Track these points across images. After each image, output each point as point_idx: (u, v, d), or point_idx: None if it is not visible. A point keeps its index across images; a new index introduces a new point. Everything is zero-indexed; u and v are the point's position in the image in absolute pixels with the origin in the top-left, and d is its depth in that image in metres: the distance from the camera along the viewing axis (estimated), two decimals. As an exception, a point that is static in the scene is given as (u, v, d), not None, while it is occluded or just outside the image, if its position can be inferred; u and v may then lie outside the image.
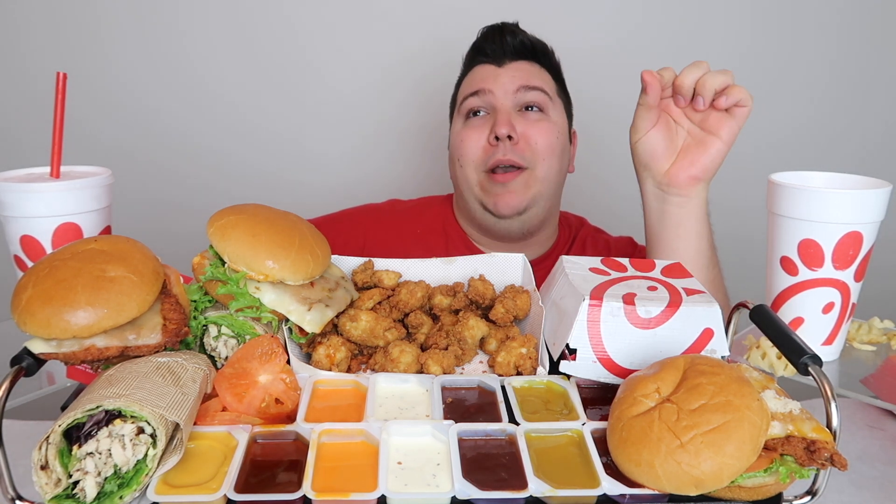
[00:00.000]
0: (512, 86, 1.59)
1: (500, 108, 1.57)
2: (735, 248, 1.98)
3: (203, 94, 2.37)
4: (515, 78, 1.60)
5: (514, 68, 1.62)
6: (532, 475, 0.77)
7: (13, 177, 1.18)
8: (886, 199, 1.10)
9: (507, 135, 1.53)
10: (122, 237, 0.95)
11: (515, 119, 1.57)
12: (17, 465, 0.78)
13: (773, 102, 2.40)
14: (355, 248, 1.28)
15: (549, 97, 1.61)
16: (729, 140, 1.29)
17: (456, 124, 1.67)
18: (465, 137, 1.61)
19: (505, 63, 1.63)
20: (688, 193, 1.32)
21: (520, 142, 1.55)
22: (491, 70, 1.63)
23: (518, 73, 1.61)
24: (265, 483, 0.78)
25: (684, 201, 1.33)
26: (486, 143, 1.57)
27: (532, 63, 1.64)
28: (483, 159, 1.58)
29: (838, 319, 1.14)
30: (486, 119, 1.60)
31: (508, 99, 1.58)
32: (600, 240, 1.75)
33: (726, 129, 1.28)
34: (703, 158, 1.29)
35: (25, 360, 0.82)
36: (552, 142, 1.58)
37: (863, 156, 2.43)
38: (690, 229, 1.33)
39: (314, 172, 2.45)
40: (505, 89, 1.59)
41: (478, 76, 1.64)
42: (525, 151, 1.56)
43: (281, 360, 0.92)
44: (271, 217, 1.03)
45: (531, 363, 1.00)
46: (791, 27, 2.37)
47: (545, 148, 1.57)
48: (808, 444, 0.76)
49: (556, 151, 1.59)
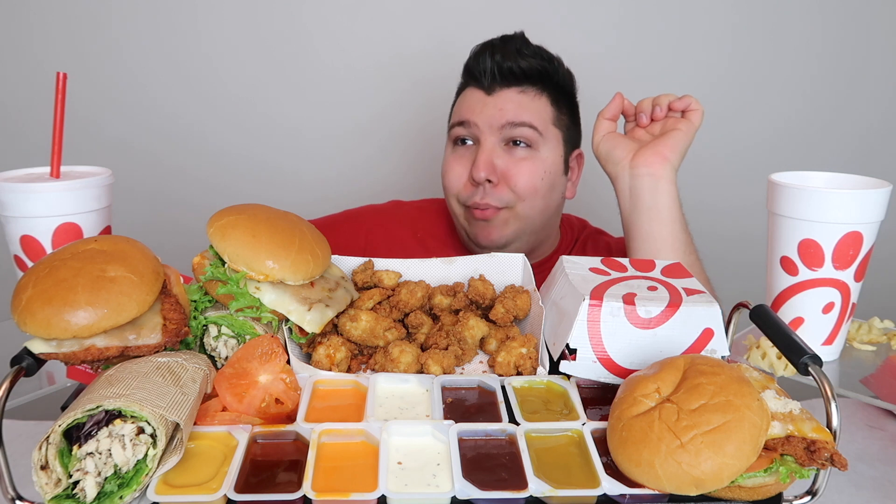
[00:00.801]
0: (497, 121, 1.50)
1: (483, 145, 1.51)
2: (735, 248, 1.98)
3: (204, 91, 2.37)
4: (503, 112, 1.50)
5: (504, 99, 1.52)
6: (532, 475, 0.77)
7: (13, 177, 1.18)
8: (886, 199, 1.10)
9: (486, 178, 1.49)
10: (122, 237, 0.95)
11: (498, 155, 1.51)
12: (17, 465, 0.78)
13: (772, 102, 2.40)
14: (356, 249, 1.27)
15: (540, 132, 1.52)
16: (688, 131, 1.38)
17: (446, 147, 1.62)
18: (448, 169, 1.57)
19: (494, 90, 1.53)
20: (658, 172, 1.36)
21: (499, 183, 1.50)
22: (479, 98, 1.54)
23: (507, 104, 1.51)
24: (265, 483, 0.78)
25: (656, 181, 1.36)
26: (466, 181, 1.54)
27: (525, 91, 1.53)
28: (463, 197, 1.55)
29: (838, 319, 1.14)
30: (471, 150, 1.55)
31: (493, 134, 1.51)
32: (601, 241, 1.74)
33: (683, 124, 1.39)
34: (668, 140, 1.38)
35: (25, 360, 0.82)
36: (535, 183, 1.51)
37: (862, 155, 2.43)
38: (663, 212, 1.36)
39: (313, 168, 2.45)
40: (490, 124, 1.50)
41: (466, 103, 1.56)
42: (504, 193, 1.51)
43: (281, 360, 0.92)
44: (271, 217, 1.03)
45: (531, 363, 1.00)
46: (791, 27, 2.37)
47: (526, 189, 1.51)
48: (808, 444, 0.76)
49: (541, 192, 1.53)
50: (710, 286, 1.42)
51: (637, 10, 2.33)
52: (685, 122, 1.39)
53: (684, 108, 1.40)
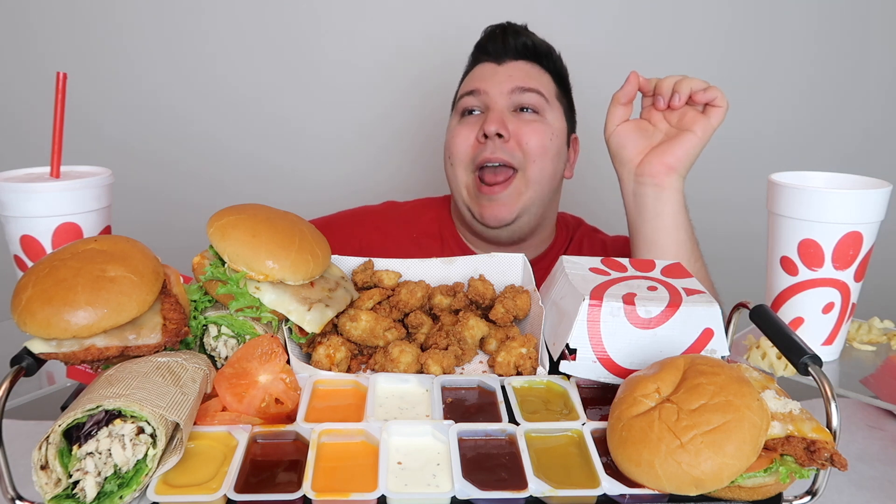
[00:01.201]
0: (507, 86, 1.57)
1: (493, 107, 1.57)
2: (735, 248, 1.98)
3: (205, 90, 2.37)
4: (512, 78, 1.58)
5: (513, 68, 1.61)
6: (532, 475, 0.77)
7: (13, 177, 1.18)
8: (886, 199, 1.10)
9: (497, 132, 1.52)
10: (122, 237, 0.95)
11: (508, 118, 1.55)
12: (17, 465, 0.78)
13: (772, 102, 2.40)
14: (352, 250, 1.27)
15: (546, 99, 1.59)
16: (703, 135, 1.31)
17: (452, 121, 1.67)
18: (456, 134, 1.60)
19: (504, 62, 1.62)
20: (662, 182, 1.33)
21: (510, 140, 1.53)
22: (490, 68, 1.62)
23: (515, 72, 1.60)
24: (265, 483, 0.78)
25: (659, 192, 1.34)
26: (474, 141, 1.56)
27: (532, 64, 1.63)
28: (472, 157, 1.56)
29: (838, 319, 1.14)
30: (480, 118, 1.59)
31: (503, 99, 1.57)
32: (597, 239, 1.74)
33: (700, 124, 1.32)
34: (677, 149, 1.32)
35: (25, 360, 0.82)
36: (545, 143, 1.55)
37: (862, 155, 2.43)
38: (668, 221, 1.34)
39: (314, 167, 2.45)
40: (500, 89, 1.57)
41: (476, 75, 1.64)
42: (515, 150, 1.53)
43: (281, 360, 0.92)
44: (271, 217, 1.03)
45: (531, 363, 1.00)
46: (791, 25, 2.37)
47: (537, 148, 1.54)
48: (808, 444, 0.76)
49: (550, 153, 1.57)
50: (715, 291, 1.41)
51: (637, 7, 2.33)
52: (703, 121, 1.31)
53: (707, 101, 1.30)
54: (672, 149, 1.33)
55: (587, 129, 1.80)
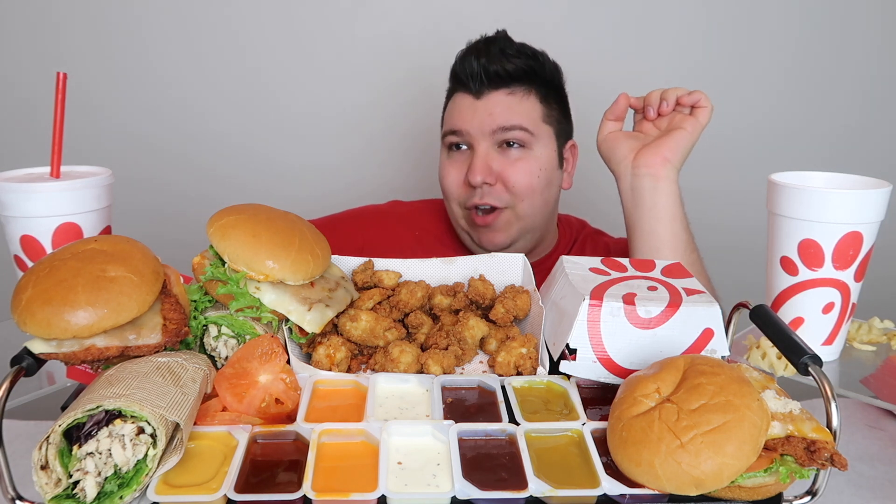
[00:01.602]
0: (489, 126, 1.52)
1: (477, 151, 1.53)
2: (735, 249, 1.98)
3: (202, 94, 2.37)
4: (493, 116, 1.52)
5: (493, 102, 1.53)
6: (532, 475, 0.77)
7: (13, 177, 1.18)
8: (886, 199, 1.10)
9: (481, 182, 1.51)
10: (122, 237, 0.95)
11: (493, 158, 1.52)
12: (17, 465, 0.78)
13: (772, 102, 2.40)
14: (353, 249, 1.27)
15: (531, 133, 1.53)
16: (693, 131, 1.37)
17: (441, 153, 1.64)
18: (445, 174, 1.60)
19: (483, 94, 1.53)
20: (658, 173, 1.36)
21: (496, 184, 1.52)
22: (468, 104, 1.55)
23: (497, 108, 1.52)
24: (265, 483, 0.78)
25: (656, 182, 1.37)
26: (463, 183, 1.55)
27: (513, 92, 1.54)
28: (463, 197, 1.57)
29: (838, 319, 1.14)
30: (466, 154, 1.56)
31: (486, 139, 1.52)
32: (600, 242, 1.75)
33: (689, 122, 1.38)
34: (670, 142, 1.37)
35: (25, 360, 0.82)
36: (532, 182, 1.53)
37: (863, 155, 2.43)
38: (665, 211, 1.37)
39: (316, 163, 2.45)
40: (482, 130, 1.52)
41: (456, 110, 1.57)
42: (502, 193, 1.53)
43: (281, 360, 0.92)
44: (271, 217, 1.03)
45: (531, 363, 1.00)
46: (790, 26, 2.37)
47: (524, 189, 1.53)
48: (808, 444, 0.76)
49: (538, 189, 1.55)
50: (711, 285, 1.42)
51: (635, 7, 2.33)
52: (692, 120, 1.37)
53: (693, 103, 1.38)
54: (665, 143, 1.37)
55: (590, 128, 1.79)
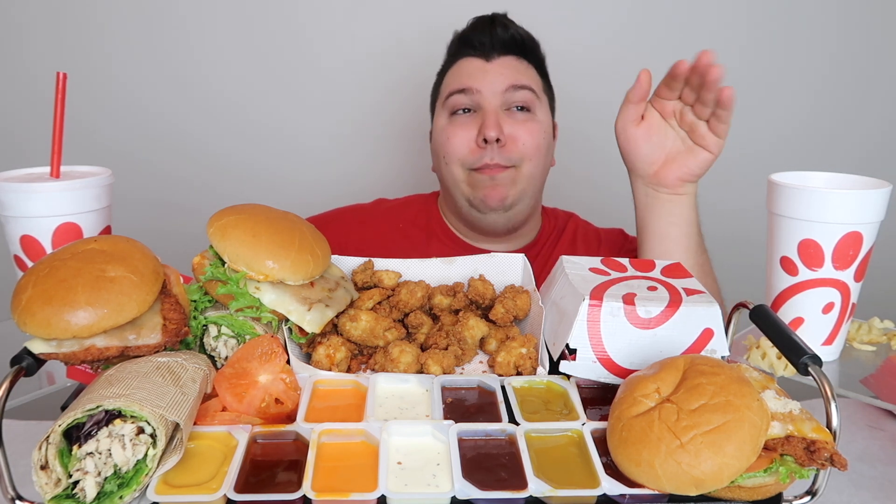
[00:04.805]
0: (501, 85, 1.56)
1: (488, 109, 1.55)
2: (735, 249, 1.98)
3: (200, 93, 2.37)
4: (504, 76, 1.57)
5: (503, 65, 1.59)
6: (532, 475, 0.77)
7: (13, 177, 1.18)
8: (886, 199, 1.10)
9: (496, 137, 1.52)
10: (122, 237, 0.95)
11: (503, 119, 1.55)
12: (17, 465, 0.78)
13: (772, 102, 2.40)
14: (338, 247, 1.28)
15: (537, 96, 1.60)
16: (717, 150, 1.32)
17: (440, 118, 1.64)
18: (451, 135, 1.59)
19: (493, 58, 1.59)
20: (678, 191, 1.36)
21: (507, 143, 1.54)
22: (479, 65, 1.60)
23: (507, 70, 1.58)
24: (265, 483, 0.78)
25: (675, 197, 1.37)
26: (473, 144, 1.56)
27: (520, 59, 1.61)
28: (470, 159, 1.57)
29: (838, 319, 1.14)
30: (473, 117, 1.58)
31: (497, 98, 1.56)
32: (590, 231, 1.76)
33: (714, 144, 1.31)
34: (692, 164, 1.34)
35: (25, 360, 0.82)
36: (539, 142, 1.58)
37: (863, 156, 2.43)
38: (681, 218, 1.37)
39: (309, 170, 2.45)
40: (493, 88, 1.56)
41: (465, 71, 1.61)
42: (512, 153, 1.55)
43: (281, 360, 0.92)
44: (271, 217, 1.03)
45: (531, 363, 1.00)
46: (790, 26, 2.37)
47: (532, 148, 1.56)
48: (808, 444, 0.76)
49: (543, 151, 1.60)
50: (717, 286, 1.43)
51: (643, 8, 2.33)
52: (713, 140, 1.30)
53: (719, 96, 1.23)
54: (689, 165, 1.33)
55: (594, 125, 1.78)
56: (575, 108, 1.77)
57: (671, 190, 1.36)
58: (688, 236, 1.37)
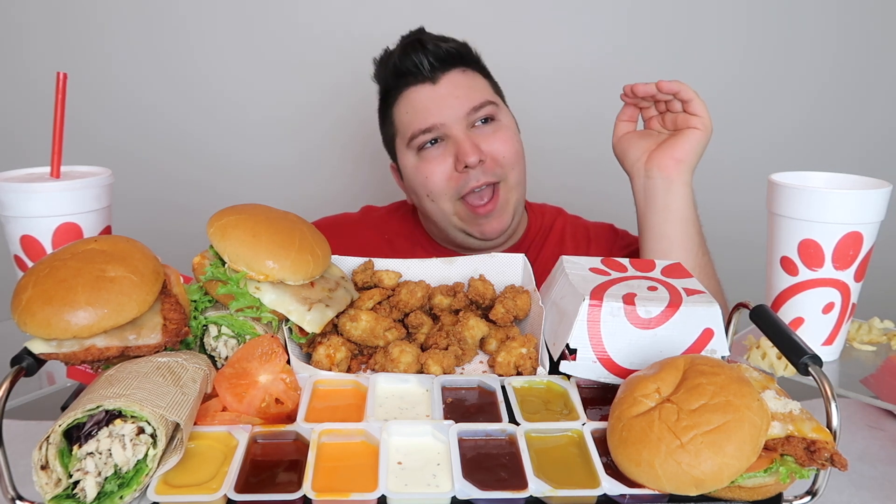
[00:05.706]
0: (461, 110, 1.52)
1: (458, 136, 1.51)
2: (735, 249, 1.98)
3: (200, 93, 2.37)
4: (460, 99, 1.52)
5: (452, 83, 1.53)
6: (532, 475, 0.77)
7: (13, 177, 1.18)
8: (886, 199, 1.10)
9: (478, 160, 1.50)
10: (122, 237, 0.95)
11: (475, 138, 1.52)
12: (17, 465, 0.78)
13: (772, 103, 2.40)
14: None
15: (495, 104, 1.56)
16: (704, 128, 1.35)
17: (406, 158, 1.58)
18: (428, 173, 1.54)
19: (438, 78, 1.53)
20: (671, 175, 1.36)
21: (488, 161, 1.52)
22: (427, 93, 1.53)
23: (458, 90, 1.53)
24: (265, 483, 0.78)
25: (669, 184, 1.36)
26: (452, 172, 1.53)
27: (464, 70, 1.56)
28: (454, 188, 1.53)
29: (838, 319, 1.14)
30: (443, 147, 1.54)
31: (461, 123, 1.52)
32: (579, 227, 1.75)
33: (699, 121, 1.35)
34: (684, 143, 1.36)
35: (25, 360, 0.82)
36: (517, 148, 1.58)
37: (863, 156, 2.43)
38: (677, 213, 1.37)
39: (309, 169, 2.45)
40: (455, 115, 1.51)
41: (418, 105, 1.54)
42: (495, 168, 1.53)
43: (281, 360, 0.92)
44: (271, 217, 1.03)
45: (531, 363, 1.00)
46: (790, 27, 2.37)
47: (513, 157, 1.55)
48: (808, 444, 0.76)
49: (521, 154, 1.59)
50: (720, 287, 1.43)
51: (644, 12, 2.33)
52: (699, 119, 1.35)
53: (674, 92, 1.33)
54: (678, 143, 1.36)
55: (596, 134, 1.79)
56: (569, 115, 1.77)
57: (664, 172, 1.36)
58: (687, 236, 1.37)
